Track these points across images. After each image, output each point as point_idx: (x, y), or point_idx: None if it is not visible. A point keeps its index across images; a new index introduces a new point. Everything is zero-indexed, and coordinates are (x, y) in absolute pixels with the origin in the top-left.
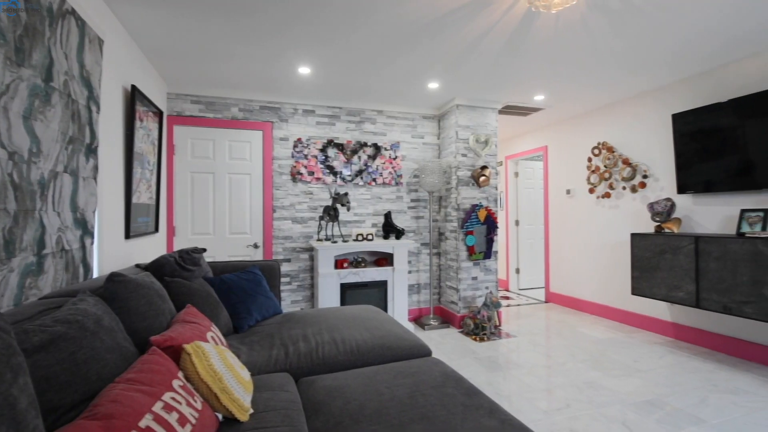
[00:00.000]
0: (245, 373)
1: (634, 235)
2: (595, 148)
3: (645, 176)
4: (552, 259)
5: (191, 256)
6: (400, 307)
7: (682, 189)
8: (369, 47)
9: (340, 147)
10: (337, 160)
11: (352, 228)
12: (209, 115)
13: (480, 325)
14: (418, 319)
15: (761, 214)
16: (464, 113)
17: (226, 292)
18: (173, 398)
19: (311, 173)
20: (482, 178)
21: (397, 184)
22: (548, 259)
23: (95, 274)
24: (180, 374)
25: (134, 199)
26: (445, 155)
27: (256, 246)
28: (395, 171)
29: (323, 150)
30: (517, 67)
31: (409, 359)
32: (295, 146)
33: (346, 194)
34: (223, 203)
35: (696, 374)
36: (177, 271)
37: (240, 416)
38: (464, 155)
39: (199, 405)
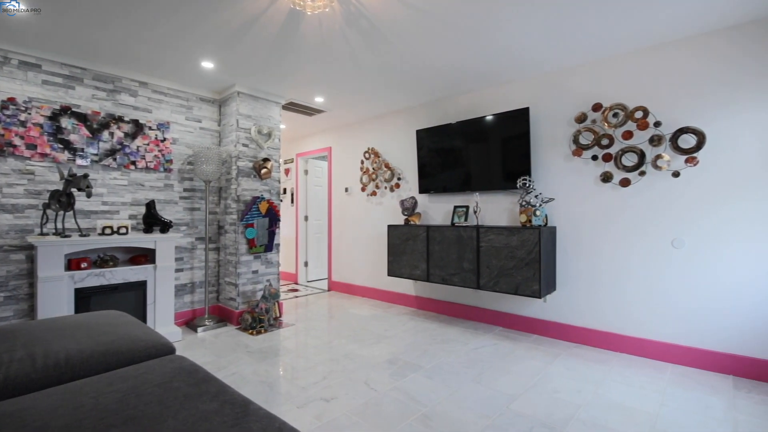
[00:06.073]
0: None
1: (389, 226)
2: (366, 152)
3: (399, 179)
4: (334, 250)
5: None
6: (164, 311)
7: (422, 190)
8: None
9: (82, 118)
10: (77, 134)
11: (98, 219)
12: None
13: (258, 319)
14: (191, 321)
15: (465, 209)
16: (246, 102)
17: None
18: None
19: (32, 147)
20: (264, 171)
21: (165, 170)
22: (331, 251)
23: None
24: None
25: None
26: (226, 143)
27: None
28: (163, 155)
29: (54, 119)
30: (294, 65)
31: (144, 361)
32: (4, 108)
33: (85, 176)
34: None
35: (424, 333)
36: None
37: None
38: (246, 145)
39: None
